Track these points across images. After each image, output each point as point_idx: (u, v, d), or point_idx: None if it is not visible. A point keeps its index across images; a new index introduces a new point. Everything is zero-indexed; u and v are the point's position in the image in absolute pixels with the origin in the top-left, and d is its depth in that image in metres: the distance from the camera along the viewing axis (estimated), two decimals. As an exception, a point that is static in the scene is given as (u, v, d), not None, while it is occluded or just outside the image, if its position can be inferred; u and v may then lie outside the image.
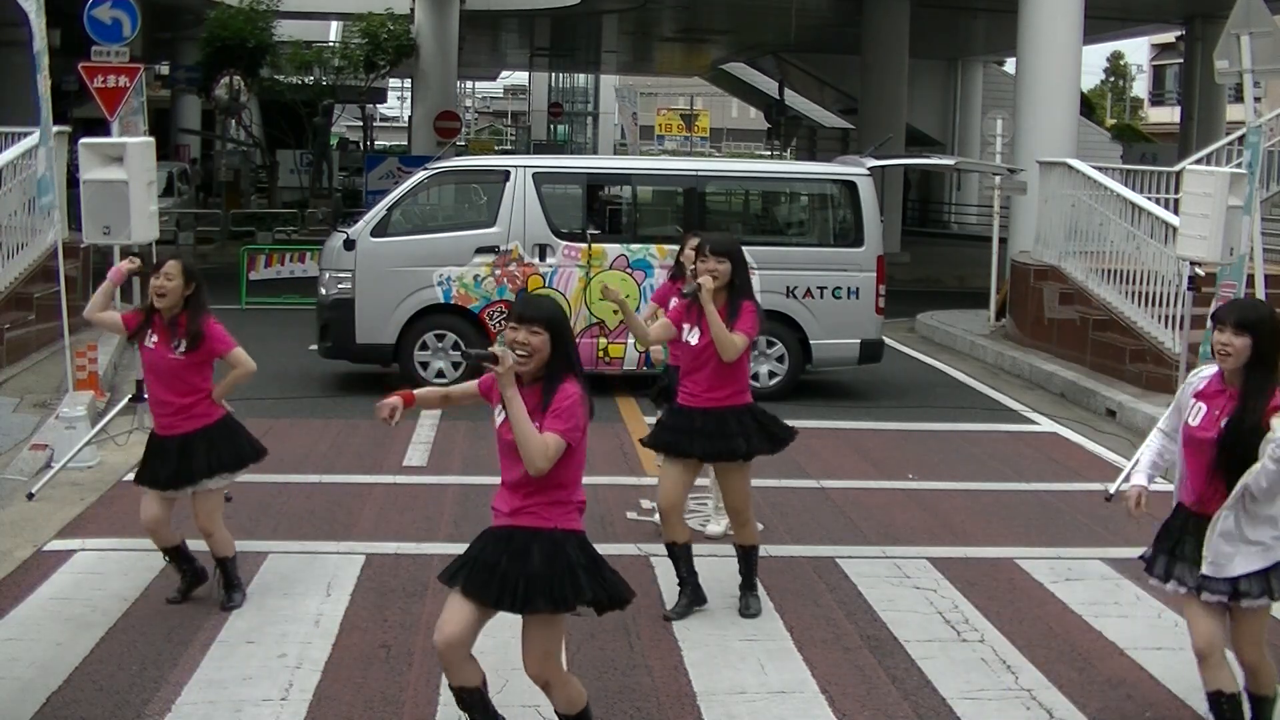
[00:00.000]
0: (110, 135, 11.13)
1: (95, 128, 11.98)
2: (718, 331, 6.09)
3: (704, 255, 6.18)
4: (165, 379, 6.23)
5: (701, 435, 6.26)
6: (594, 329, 11.82)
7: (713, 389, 6.28)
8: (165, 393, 6.25)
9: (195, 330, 6.21)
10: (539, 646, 4.62)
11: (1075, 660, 5.95)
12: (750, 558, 6.52)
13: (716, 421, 6.26)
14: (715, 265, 6.11)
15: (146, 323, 6.31)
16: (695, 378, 6.33)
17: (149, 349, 6.29)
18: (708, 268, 6.13)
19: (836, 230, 12.62)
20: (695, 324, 6.23)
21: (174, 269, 6.26)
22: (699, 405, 6.30)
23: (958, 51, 37.39)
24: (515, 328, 4.45)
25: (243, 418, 6.65)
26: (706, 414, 6.28)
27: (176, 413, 6.23)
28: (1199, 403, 4.83)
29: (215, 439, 6.31)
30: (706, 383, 6.28)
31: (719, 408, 6.28)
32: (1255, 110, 9.93)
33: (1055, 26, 16.60)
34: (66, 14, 15.16)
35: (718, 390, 6.28)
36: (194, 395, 6.27)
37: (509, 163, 12.94)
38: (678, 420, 6.42)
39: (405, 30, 28.66)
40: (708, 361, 6.23)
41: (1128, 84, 69.57)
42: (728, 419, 6.27)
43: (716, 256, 6.13)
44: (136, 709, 5.13)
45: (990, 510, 8.53)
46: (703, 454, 6.33)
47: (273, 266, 18.20)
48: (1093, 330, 13.40)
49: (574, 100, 61.33)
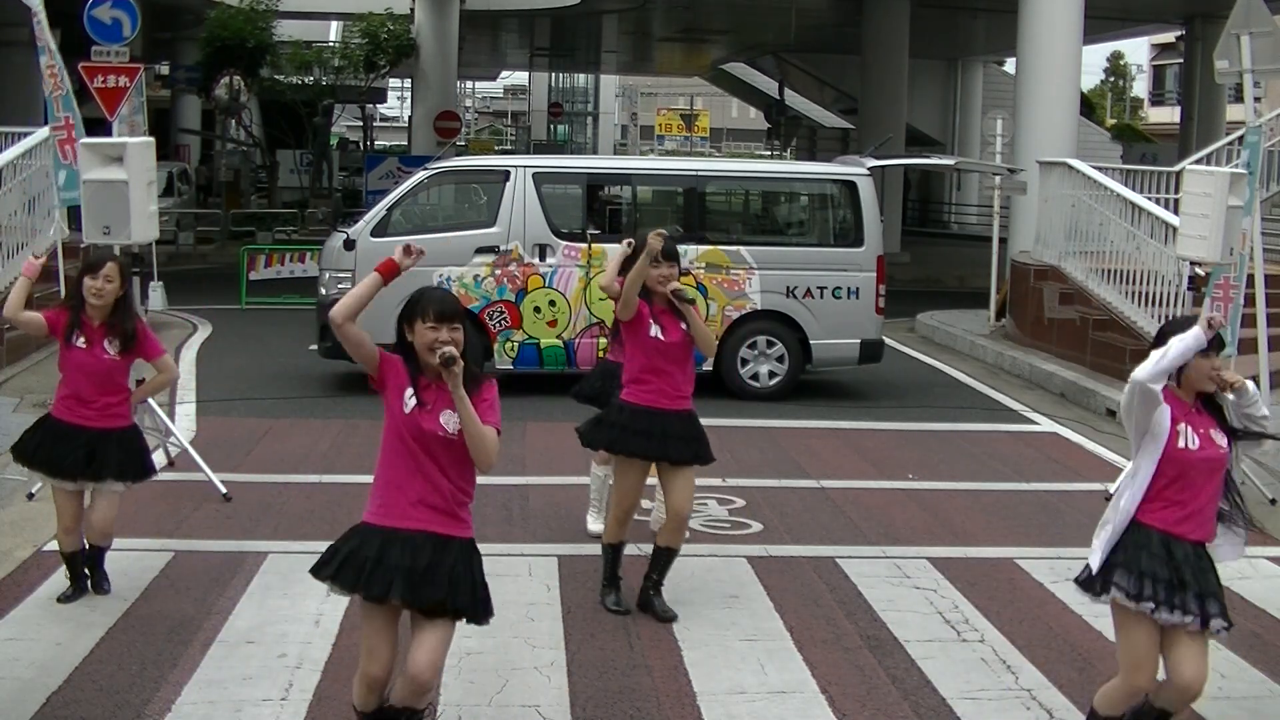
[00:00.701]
0: (110, 135, 11.14)
1: (95, 128, 11.97)
2: (702, 331, 6.28)
3: (656, 262, 6.23)
4: (95, 379, 6.19)
5: (677, 439, 6.27)
6: (594, 329, 11.82)
7: (682, 390, 6.33)
8: (92, 390, 6.20)
9: (128, 331, 6.20)
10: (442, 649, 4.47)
11: (1075, 660, 5.95)
12: (672, 560, 6.47)
13: (686, 424, 6.33)
14: (669, 271, 6.26)
15: (74, 323, 6.20)
16: (667, 378, 6.31)
17: (78, 349, 6.19)
18: (661, 274, 6.24)
19: (836, 230, 12.63)
20: (655, 320, 6.26)
21: (114, 271, 6.17)
22: (672, 407, 6.29)
23: (958, 51, 37.37)
24: (436, 327, 4.33)
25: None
26: (679, 417, 6.31)
27: (100, 409, 6.20)
28: (1182, 423, 4.65)
29: (128, 443, 6.33)
30: (679, 383, 6.32)
31: (687, 410, 6.35)
32: (1255, 110, 9.92)
33: (1055, 26, 16.59)
34: (66, 14, 15.17)
35: (685, 391, 6.35)
36: (120, 395, 6.29)
37: (509, 163, 12.95)
38: (643, 422, 6.28)
39: (405, 30, 28.65)
40: (681, 361, 6.30)
41: (1128, 84, 69.56)
42: (694, 422, 6.38)
43: (669, 262, 6.26)
44: (136, 709, 5.13)
45: (990, 510, 8.53)
46: (679, 457, 6.31)
47: (273, 266, 18.20)
48: (1093, 330, 13.40)
49: (574, 100, 61.34)
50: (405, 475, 4.41)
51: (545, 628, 6.13)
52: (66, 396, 6.25)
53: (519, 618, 6.22)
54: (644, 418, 6.27)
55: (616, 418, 6.39)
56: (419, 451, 4.38)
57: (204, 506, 8.00)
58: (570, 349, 11.83)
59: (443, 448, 4.38)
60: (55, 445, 6.21)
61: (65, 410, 6.24)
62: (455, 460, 4.40)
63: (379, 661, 4.43)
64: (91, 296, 6.14)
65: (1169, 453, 4.62)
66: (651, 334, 6.26)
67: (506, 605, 6.36)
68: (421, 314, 4.37)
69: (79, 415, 6.19)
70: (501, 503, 8.22)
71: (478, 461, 4.37)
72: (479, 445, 4.32)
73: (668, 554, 6.43)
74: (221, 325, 15.87)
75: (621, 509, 6.43)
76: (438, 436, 4.36)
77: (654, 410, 6.27)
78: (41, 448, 6.27)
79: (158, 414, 8.85)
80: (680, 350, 6.30)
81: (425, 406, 4.38)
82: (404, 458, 4.40)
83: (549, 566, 7.05)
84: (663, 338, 6.25)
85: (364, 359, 4.43)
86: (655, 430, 6.23)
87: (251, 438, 9.88)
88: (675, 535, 6.41)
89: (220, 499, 8.08)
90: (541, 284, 11.77)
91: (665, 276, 6.27)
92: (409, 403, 4.37)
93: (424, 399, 4.38)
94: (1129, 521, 4.69)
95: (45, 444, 6.26)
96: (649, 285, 6.24)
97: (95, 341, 6.16)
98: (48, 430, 6.30)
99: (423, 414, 4.37)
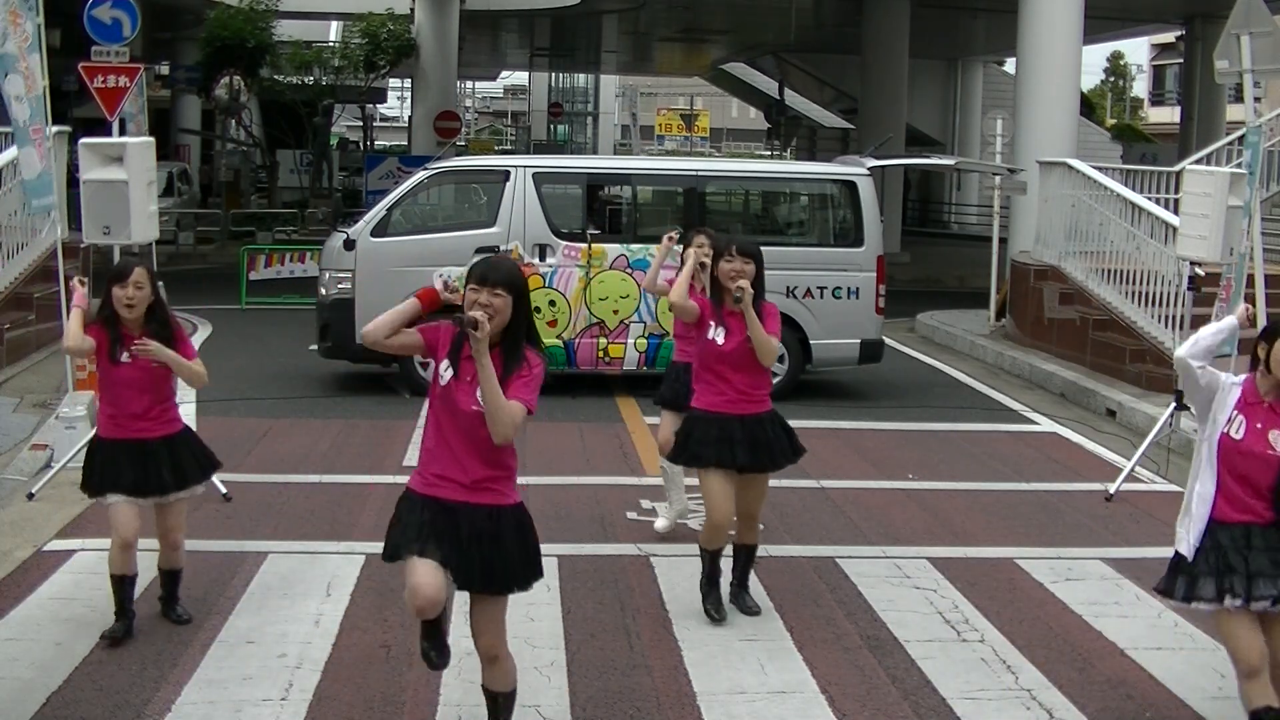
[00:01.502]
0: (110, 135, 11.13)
1: (95, 128, 11.97)
2: (760, 336, 5.94)
3: (730, 256, 5.97)
4: (146, 391, 5.96)
5: (745, 445, 6.06)
6: (594, 329, 11.82)
7: (748, 394, 6.11)
8: (145, 403, 5.96)
9: (169, 336, 5.99)
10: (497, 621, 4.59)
11: (1075, 660, 5.95)
12: (752, 556, 6.51)
13: (754, 428, 6.10)
14: (744, 266, 5.94)
15: (115, 338, 5.92)
16: (732, 382, 6.11)
17: (125, 366, 5.91)
18: (734, 268, 5.95)
19: (836, 230, 12.62)
20: (721, 324, 6.05)
21: (142, 277, 5.91)
22: (735, 412, 6.09)
23: (958, 51, 37.37)
24: (477, 289, 4.30)
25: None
26: (744, 421, 6.09)
27: (156, 419, 5.99)
28: (1239, 414, 4.76)
29: (193, 444, 6.19)
30: (743, 387, 6.10)
31: (754, 414, 6.12)
32: (1255, 110, 9.92)
33: (1055, 26, 16.59)
34: (66, 14, 15.16)
35: (752, 395, 6.12)
36: (170, 399, 6.10)
37: (509, 163, 12.94)
38: (712, 430, 6.10)
39: (405, 30, 28.66)
40: (743, 366, 6.06)
41: (1128, 84, 69.57)
42: (765, 425, 6.15)
43: (744, 257, 5.96)
44: (136, 709, 5.13)
45: (990, 510, 8.53)
46: (747, 464, 6.11)
47: (273, 266, 18.19)
48: (1093, 330, 13.40)
49: (574, 100, 61.33)
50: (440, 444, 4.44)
51: (545, 628, 6.13)
52: (117, 414, 5.97)
53: (519, 618, 6.21)
54: (708, 424, 6.12)
55: (686, 426, 6.29)
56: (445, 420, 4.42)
57: (204, 506, 7.98)
58: (570, 349, 11.83)
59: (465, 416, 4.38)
60: (128, 466, 5.91)
61: (119, 428, 5.97)
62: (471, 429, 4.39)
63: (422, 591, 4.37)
64: (124, 309, 5.90)
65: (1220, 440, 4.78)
66: (709, 336, 6.07)
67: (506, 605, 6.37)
68: (470, 274, 4.37)
69: (136, 429, 5.95)
70: (501, 503, 8.21)
71: (492, 433, 4.31)
72: (495, 416, 4.27)
73: (745, 552, 6.43)
74: (221, 325, 15.87)
75: (712, 519, 6.21)
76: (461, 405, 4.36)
77: (719, 416, 6.10)
78: (110, 471, 5.94)
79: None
80: (739, 356, 6.05)
81: (461, 379, 4.37)
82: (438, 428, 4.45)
83: (549, 566, 6.99)
84: (721, 342, 6.04)
85: (411, 352, 4.51)
86: (721, 436, 6.06)
87: (251, 438, 9.88)
88: (747, 532, 6.39)
89: (220, 499, 8.08)
90: (541, 284, 11.77)
91: (737, 272, 5.96)
92: (445, 375, 4.39)
93: (462, 370, 4.37)
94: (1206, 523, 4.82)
95: (114, 467, 5.94)
96: (720, 280, 6.00)
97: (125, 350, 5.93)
98: (108, 454, 5.99)
99: (459, 386, 4.36)
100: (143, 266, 5.98)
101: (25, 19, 9.85)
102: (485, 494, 4.48)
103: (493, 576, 4.49)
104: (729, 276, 5.94)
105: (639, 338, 11.87)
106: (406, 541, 4.44)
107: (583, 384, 12.10)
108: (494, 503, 4.50)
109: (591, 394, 11.88)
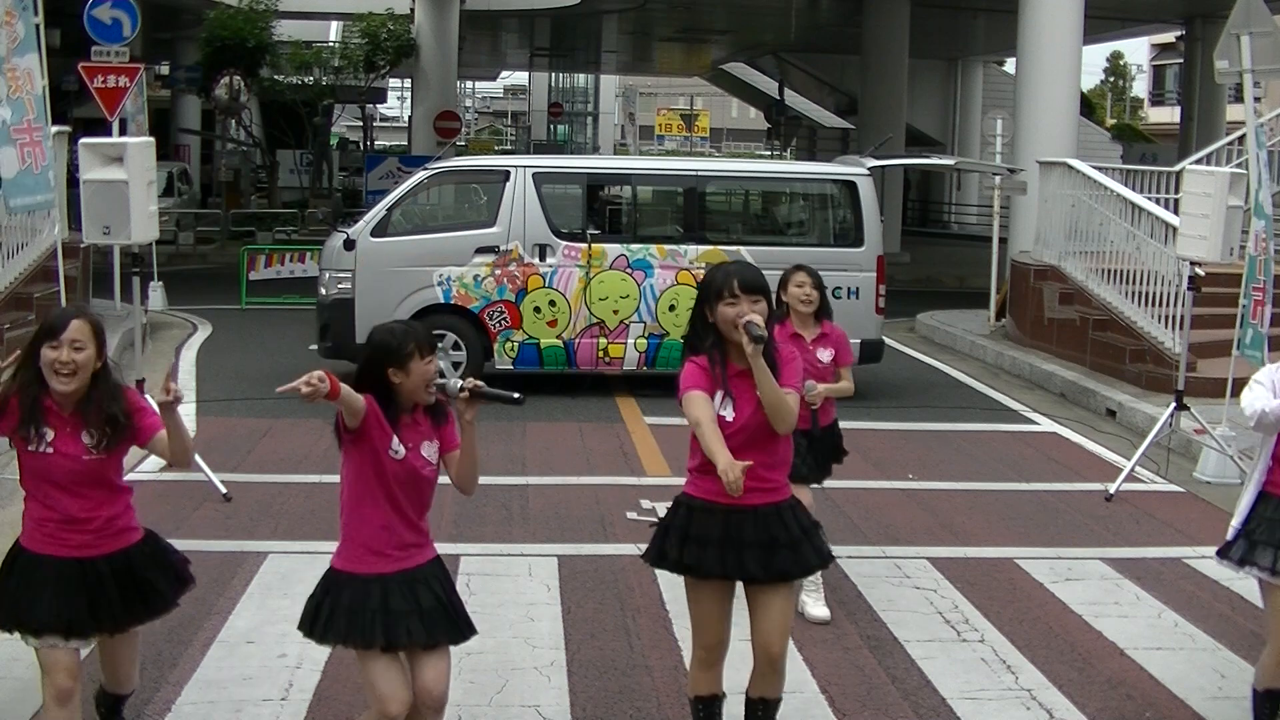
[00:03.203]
0: (110, 135, 11.13)
1: (95, 128, 11.99)
2: (773, 394, 4.27)
3: (731, 297, 4.32)
4: (77, 487, 4.20)
5: (756, 547, 4.39)
6: (594, 329, 11.82)
7: (765, 478, 4.39)
8: (79, 506, 4.21)
9: (117, 413, 4.19)
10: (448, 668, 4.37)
11: (1075, 660, 5.95)
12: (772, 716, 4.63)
13: (769, 524, 4.42)
14: (751, 307, 4.32)
15: (30, 417, 4.15)
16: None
17: (44, 455, 4.17)
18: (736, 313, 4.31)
19: (836, 230, 12.62)
20: (727, 393, 4.35)
21: (84, 333, 4.13)
22: (746, 503, 4.33)
23: (958, 51, 37.38)
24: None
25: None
26: (761, 514, 4.41)
27: (98, 530, 4.26)
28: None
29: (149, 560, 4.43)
30: (761, 469, 4.34)
31: (774, 504, 4.45)
32: (1255, 110, 9.92)
33: (1055, 26, 16.58)
34: (66, 14, 15.17)
35: (771, 478, 4.44)
36: (120, 501, 4.34)
37: (509, 163, 12.95)
38: (707, 526, 4.42)
39: (405, 30, 28.66)
40: (756, 441, 4.35)
41: (1128, 84, 69.59)
42: (786, 519, 4.46)
43: (749, 295, 4.33)
44: (136, 709, 5.13)
45: (990, 510, 8.53)
46: (757, 574, 4.42)
47: (273, 266, 18.19)
48: (1093, 330, 13.40)
49: (574, 100, 61.36)
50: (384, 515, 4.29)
51: (545, 628, 6.13)
52: (43, 520, 4.24)
53: (519, 618, 6.23)
54: (707, 519, 4.42)
55: (671, 519, 4.55)
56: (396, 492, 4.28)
57: (204, 506, 8.00)
58: (570, 349, 11.83)
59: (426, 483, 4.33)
60: (59, 596, 4.20)
61: (46, 540, 4.24)
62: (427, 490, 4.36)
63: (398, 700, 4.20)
64: (57, 379, 4.10)
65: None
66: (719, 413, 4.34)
67: (506, 605, 6.39)
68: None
69: (68, 545, 4.22)
70: (501, 503, 8.22)
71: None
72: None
73: (761, 709, 4.59)
74: (221, 325, 15.87)
75: (701, 647, 4.54)
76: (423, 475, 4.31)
77: (723, 507, 4.37)
78: (31, 604, 4.21)
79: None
80: (752, 430, 4.35)
81: (410, 447, 4.27)
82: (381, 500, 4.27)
83: (549, 566, 7.05)
84: (729, 418, 4.34)
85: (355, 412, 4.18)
86: (723, 536, 4.39)
87: (251, 438, 9.89)
88: (766, 683, 4.55)
89: (220, 499, 8.08)
90: (541, 284, 11.77)
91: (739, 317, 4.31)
92: (398, 451, 4.24)
93: (406, 439, 4.26)
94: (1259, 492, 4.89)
95: (29, 596, 4.22)
96: (723, 332, 4.35)
97: (68, 435, 4.17)
98: (31, 574, 4.24)
99: (413, 456, 4.28)
100: (84, 319, 4.17)
101: (19, 20, 9.84)
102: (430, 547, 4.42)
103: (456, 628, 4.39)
104: (730, 325, 4.33)
105: (639, 338, 11.87)
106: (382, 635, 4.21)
107: (583, 384, 12.10)
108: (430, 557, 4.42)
109: (591, 394, 11.88)
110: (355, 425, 4.19)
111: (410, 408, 4.27)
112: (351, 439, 4.23)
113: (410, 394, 4.23)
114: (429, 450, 4.31)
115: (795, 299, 6.39)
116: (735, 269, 4.41)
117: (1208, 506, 8.71)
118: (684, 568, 4.45)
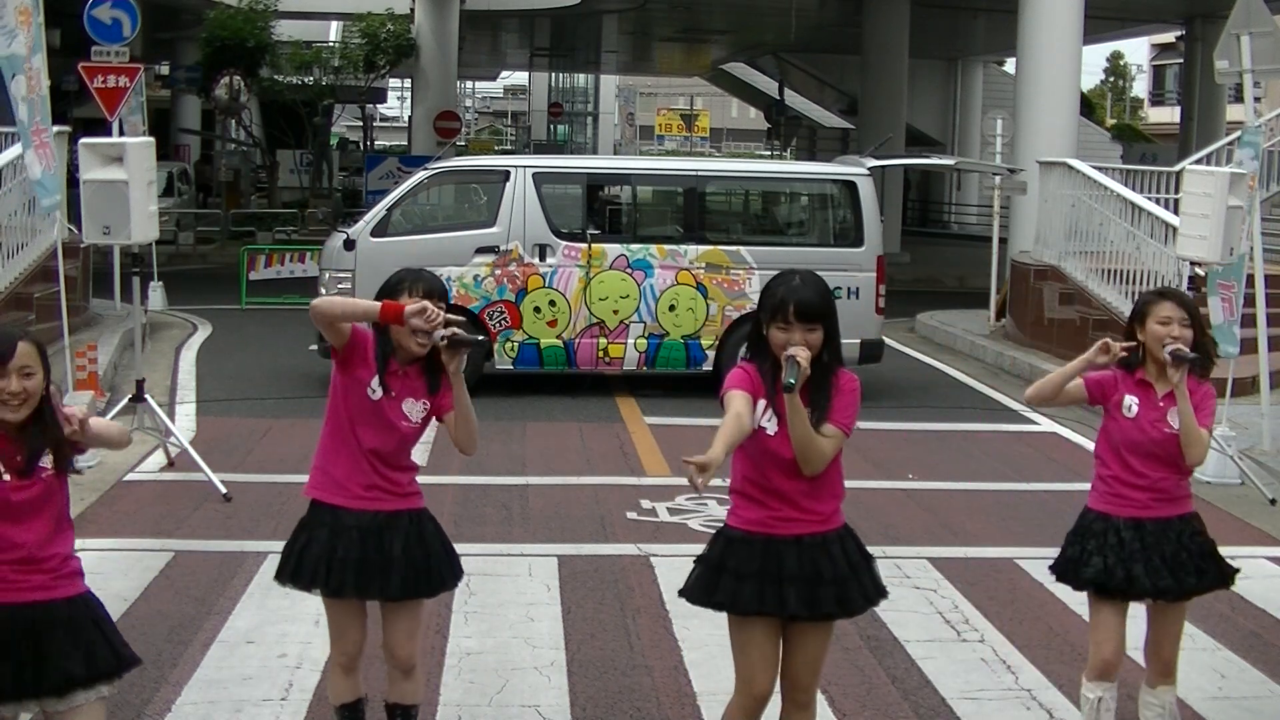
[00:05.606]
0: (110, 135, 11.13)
1: (95, 128, 11.99)
2: (803, 437, 3.93)
3: (785, 322, 3.95)
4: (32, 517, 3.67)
5: (799, 583, 4.05)
6: (594, 329, 11.81)
7: (810, 508, 4.08)
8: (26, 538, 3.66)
9: (59, 438, 3.68)
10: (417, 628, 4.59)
11: (1075, 660, 5.94)
12: None
13: (814, 557, 4.09)
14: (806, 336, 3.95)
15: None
16: (782, 490, 4.06)
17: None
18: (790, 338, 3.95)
19: (836, 230, 12.62)
20: (771, 404, 4.02)
21: (31, 358, 3.62)
22: (790, 533, 4.06)
23: (958, 51, 37.40)
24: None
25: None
26: (804, 546, 4.08)
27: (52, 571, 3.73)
28: None
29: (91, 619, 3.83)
30: (803, 497, 4.07)
31: (820, 534, 4.12)
32: (1255, 110, 9.92)
33: (1055, 26, 16.60)
34: (66, 14, 15.17)
35: (819, 508, 4.10)
36: (66, 538, 3.81)
37: (509, 163, 12.95)
38: (749, 559, 4.06)
39: (405, 30, 28.67)
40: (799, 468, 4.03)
41: (1128, 84, 69.62)
42: (831, 552, 4.13)
43: (805, 324, 3.95)
44: (136, 709, 5.13)
45: (990, 510, 8.53)
46: (798, 610, 4.08)
47: (273, 266, 18.19)
48: (1093, 330, 13.37)
49: (574, 100, 61.38)
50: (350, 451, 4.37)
51: (545, 628, 6.12)
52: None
53: (519, 618, 6.22)
54: (745, 550, 4.09)
55: (708, 552, 4.21)
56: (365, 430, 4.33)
57: (204, 506, 8.00)
58: (570, 349, 11.82)
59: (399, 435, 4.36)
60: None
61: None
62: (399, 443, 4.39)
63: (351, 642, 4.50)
64: (6, 409, 3.60)
65: None
66: (760, 422, 4.02)
67: (506, 605, 6.38)
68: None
69: (19, 588, 3.66)
70: (501, 503, 8.22)
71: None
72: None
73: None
74: (221, 325, 15.87)
75: (749, 696, 4.15)
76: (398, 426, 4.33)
77: (763, 538, 4.07)
78: None
79: (157, 414, 8.85)
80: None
81: (391, 395, 4.32)
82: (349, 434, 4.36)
83: (549, 566, 7.04)
84: (771, 431, 4.02)
85: (335, 335, 4.32)
86: (760, 569, 4.05)
87: (251, 438, 9.89)
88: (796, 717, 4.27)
89: (220, 499, 8.08)
90: (541, 284, 11.76)
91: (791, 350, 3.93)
92: (375, 391, 4.30)
93: (390, 386, 4.31)
94: None
95: None
96: (773, 350, 4.00)
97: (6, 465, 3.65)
98: None
99: (389, 404, 4.32)
100: (29, 342, 3.67)
101: (33, 20, 9.87)
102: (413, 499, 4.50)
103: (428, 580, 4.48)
104: (779, 347, 3.98)
105: (639, 338, 11.86)
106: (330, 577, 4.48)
107: (583, 384, 12.10)
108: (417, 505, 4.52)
109: (591, 394, 11.88)
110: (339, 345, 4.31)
111: (406, 360, 4.32)
112: (338, 363, 4.35)
113: (398, 336, 4.27)
114: (412, 408, 4.35)
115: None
116: (796, 289, 3.97)
117: (1207, 507, 8.70)
118: (717, 604, 4.11)
